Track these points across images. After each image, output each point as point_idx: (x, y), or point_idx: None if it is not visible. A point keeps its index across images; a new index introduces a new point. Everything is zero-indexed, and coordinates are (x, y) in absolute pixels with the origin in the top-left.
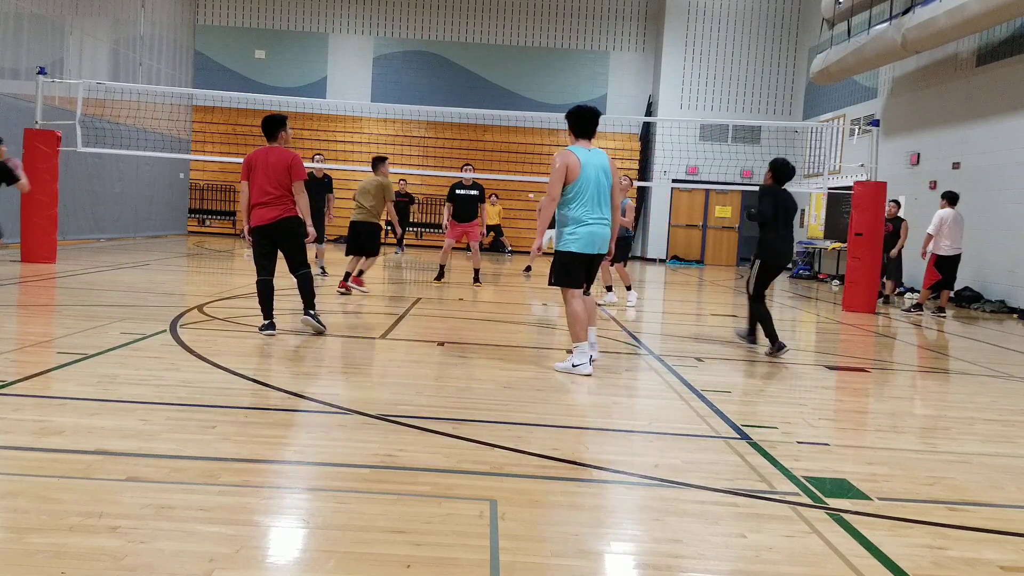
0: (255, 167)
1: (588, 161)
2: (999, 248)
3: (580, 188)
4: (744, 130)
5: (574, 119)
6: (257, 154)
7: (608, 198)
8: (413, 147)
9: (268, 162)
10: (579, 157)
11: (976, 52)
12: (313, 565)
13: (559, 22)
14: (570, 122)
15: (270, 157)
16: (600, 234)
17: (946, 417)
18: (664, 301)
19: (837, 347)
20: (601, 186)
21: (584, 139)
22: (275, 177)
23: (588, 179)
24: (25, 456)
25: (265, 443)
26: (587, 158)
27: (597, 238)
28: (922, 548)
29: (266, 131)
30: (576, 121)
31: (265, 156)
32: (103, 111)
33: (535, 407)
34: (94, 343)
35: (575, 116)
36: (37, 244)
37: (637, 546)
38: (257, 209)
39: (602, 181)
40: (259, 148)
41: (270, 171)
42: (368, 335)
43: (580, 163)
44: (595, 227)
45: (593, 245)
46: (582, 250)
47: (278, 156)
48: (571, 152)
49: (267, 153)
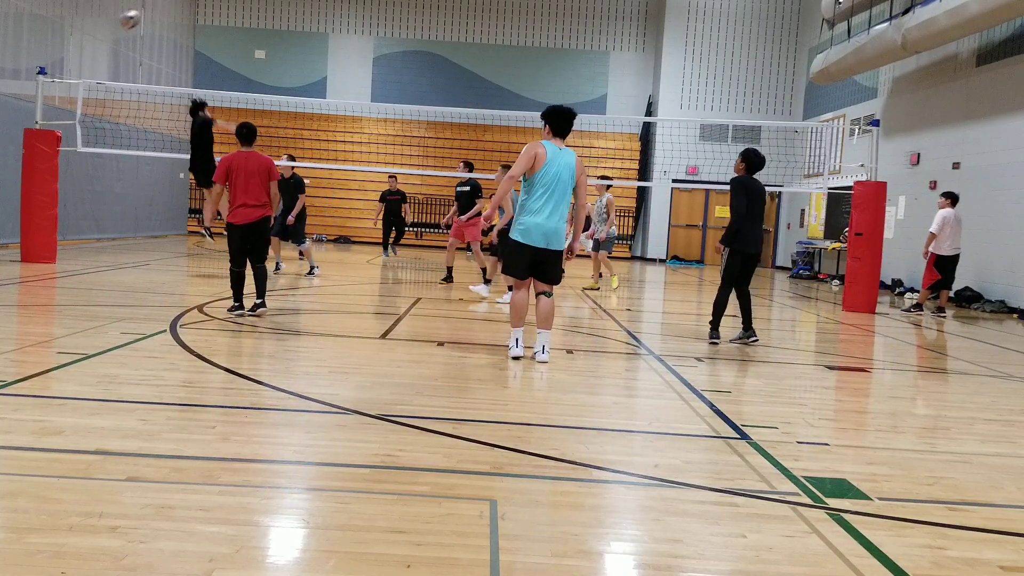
0: (236, 171)
1: (555, 158)
2: (999, 248)
3: (539, 180)
4: (744, 130)
5: (553, 117)
6: (236, 158)
7: (567, 198)
8: (413, 147)
9: (249, 167)
10: (547, 151)
11: (976, 52)
12: (313, 565)
13: (559, 22)
14: (548, 119)
15: (250, 162)
16: (544, 229)
17: (946, 417)
18: (664, 301)
19: (837, 347)
20: (562, 184)
21: (559, 137)
22: (258, 180)
23: (549, 174)
24: (25, 456)
25: (265, 443)
26: (555, 154)
27: (540, 232)
28: (922, 548)
29: (249, 138)
30: (555, 119)
31: (245, 161)
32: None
33: (535, 407)
34: (94, 343)
35: (554, 114)
36: (37, 244)
37: (637, 546)
38: (242, 209)
39: (564, 179)
40: (237, 152)
41: (252, 175)
42: (368, 335)
43: (547, 157)
44: (541, 221)
45: (532, 238)
46: (523, 240)
47: (257, 161)
48: (542, 144)
49: (247, 158)
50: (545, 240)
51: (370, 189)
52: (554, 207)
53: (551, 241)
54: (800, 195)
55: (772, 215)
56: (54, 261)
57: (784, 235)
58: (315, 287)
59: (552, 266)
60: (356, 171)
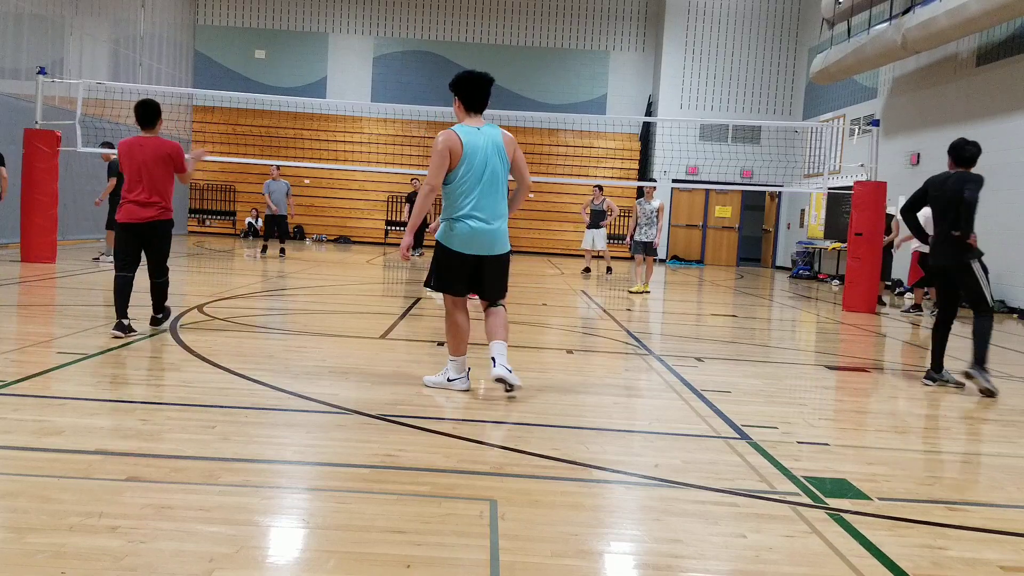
0: (129, 159)
1: (474, 143)
2: (999, 248)
3: (461, 176)
4: (744, 130)
5: (462, 84)
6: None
7: (504, 187)
8: (413, 147)
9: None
10: (462, 138)
11: (976, 52)
12: (313, 565)
13: (559, 22)
14: (455, 89)
15: (146, 150)
16: (487, 232)
17: (946, 417)
18: (664, 301)
19: (837, 347)
20: (493, 172)
21: (474, 113)
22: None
23: (474, 165)
24: (25, 456)
25: (265, 443)
26: (473, 139)
27: (481, 236)
28: (922, 548)
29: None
30: (464, 87)
31: (140, 148)
32: (103, 111)
33: (535, 407)
34: (94, 343)
35: (463, 81)
36: (37, 244)
37: (637, 546)
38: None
39: (495, 165)
40: (133, 138)
41: (147, 165)
42: (368, 335)
43: (463, 146)
44: (479, 225)
45: (474, 244)
46: (460, 249)
47: (155, 147)
48: (453, 132)
49: (142, 145)
50: (489, 246)
51: (370, 189)
52: (492, 203)
53: (495, 246)
54: (800, 195)
55: (772, 215)
56: (54, 261)
57: (784, 235)
58: (315, 287)
59: (496, 276)
60: (356, 171)
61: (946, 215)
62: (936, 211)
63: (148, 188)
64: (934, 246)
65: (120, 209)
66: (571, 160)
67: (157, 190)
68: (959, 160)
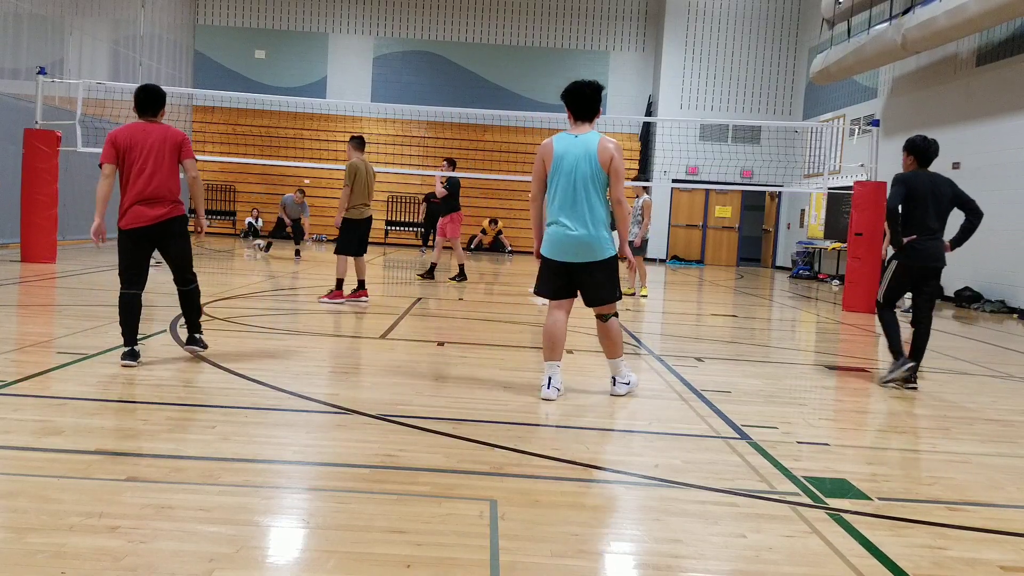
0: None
1: (566, 151)
2: (999, 248)
3: (551, 183)
4: (744, 130)
5: (567, 96)
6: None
7: (590, 195)
8: (413, 147)
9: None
10: (556, 144)
11: (976, 52)
12: (313, 565)
13: (559, 22)
14: (564, 99)
15: (151, 137)
16: (569, 239)
17: (946, 417)
18: (664, 301)
19: (837, 347)
20: (579, 181)
21: (583, 121)
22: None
23: (561, 172)
24: (25, 456)
25: (265, 443)
26: (566, 147)
27: (564, 243)
28: (922, 548)
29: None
30: (570, 98)
31: (144, 135)
32: (103, 111)
33: (535, 407)
34: (94, 343)
35: (569, 93)
36: (37, 244)
37: (637, 546)
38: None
39: (584, 173)
40: (131, 124)
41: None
42: (368, 335)
43: (554, 151)
44: (563, 231)
45: (558, 250)
46: (548, 254)
47: (161, 135)
48: (550, 141)
49: (145, 131)
50: (574, 253)
51: None
52: (578, 212)
53: (582, 252)
54: (800, 195)
55: (772, 215)
56: (54, 261)
57: (784, 235)
58: (315, 287)
59: (589, 284)
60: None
61: (941, 216)
62: (928, 211)
63: (156, 182)
64: (935, 248)
65: (123, 215)
66: None
67: (166, 183)
68: (927, 161)
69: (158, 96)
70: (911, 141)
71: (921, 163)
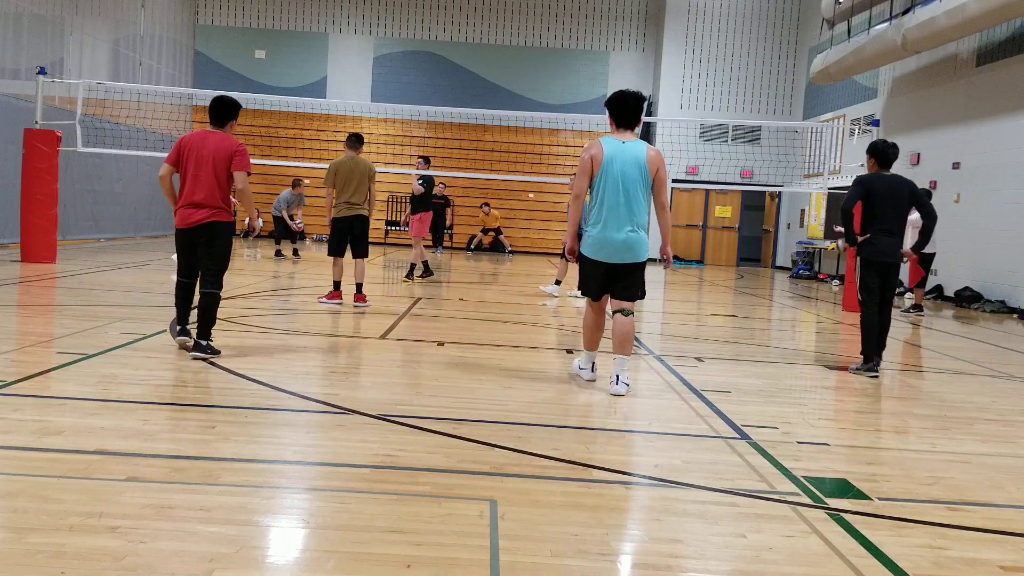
0: (188, 155)
1: (617, 155)
2: (999, 248)
3: (599, 185)
4: (744, 130)
5: (613, 104)
6: (192, 139)
7: (637, 200)
8: (413, 147)
9: (202, 152)
10: (605, 148)
11: (976, 52)
12: (313, 565)
13: (559, 22)
14: (608, 107)
15: (206, 146)
16: (614, 242)
17: (946, 417)
18: (664, 301)
19: (837, 347)
20: (630, 184)
21: (624, 129)
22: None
23: (608, 176)
24: (25, 456)
25: (265, 443)
26: (615, 151)
27: (609, 245)
28: (922, 548)
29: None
30: (614, 106)
31: (200, 143)
32: (103, 111)
33: (535, 407)
34: (94, 343)
35: (613, 101)
36: (37, 244)
37: (637, 546)
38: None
39: (632, 178)
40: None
41: (204, 162)
42: (368, 335)
43: (604, 155)
44: (609, 234)
45: (603, 252)
46: (592, 256)
47: (215, 144)
48: (599, 142)
49: (203, 140)
50: (618, 254)
51: None
52: (623, 215)
53: (625, 254)
54: (800, 195)
55: (772, 215)
56: (54, 261)
57: (784, 235)
58: (315, 287)
59: (629, 281)
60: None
61: (900, 216)
62: (887, 211)
63: (203, 187)
64: (890, 244)
65: (176, 213)
66: (571, 160)
67: (210, 190)
68: (887, 163)
69: (224, 107)
70: (872, 145)
71: (881, 165)
